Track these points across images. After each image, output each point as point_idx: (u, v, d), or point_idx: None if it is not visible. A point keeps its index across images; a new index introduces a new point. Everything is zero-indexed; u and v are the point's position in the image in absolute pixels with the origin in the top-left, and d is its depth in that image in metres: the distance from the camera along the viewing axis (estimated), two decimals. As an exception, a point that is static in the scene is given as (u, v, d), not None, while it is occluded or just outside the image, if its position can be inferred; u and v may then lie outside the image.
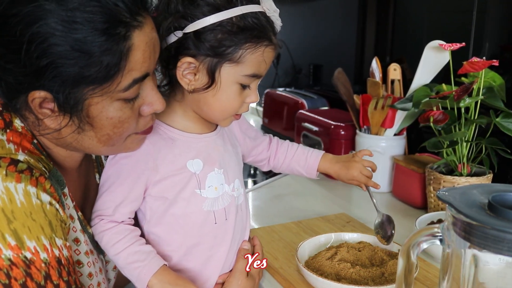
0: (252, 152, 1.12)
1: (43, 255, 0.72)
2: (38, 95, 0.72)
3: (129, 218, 0.91)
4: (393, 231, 1.04)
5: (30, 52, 0.69)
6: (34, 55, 0.69)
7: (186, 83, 0.86)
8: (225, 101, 0.88)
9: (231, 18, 0.82)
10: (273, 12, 0.87)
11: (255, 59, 0.85)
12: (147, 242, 0.93)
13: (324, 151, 1.15)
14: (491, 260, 0.63)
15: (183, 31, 0.83)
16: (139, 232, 0.91)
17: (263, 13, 0.86)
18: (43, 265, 0.72)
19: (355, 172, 1.09)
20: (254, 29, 0.84)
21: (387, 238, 1.03)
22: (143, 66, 0.77)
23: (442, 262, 0.70)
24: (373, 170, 1.12)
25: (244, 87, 0.88)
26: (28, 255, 0.71)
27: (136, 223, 0.94)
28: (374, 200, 1.11)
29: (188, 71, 0.85)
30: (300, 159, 1.14)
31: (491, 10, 1.50)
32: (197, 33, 0.83)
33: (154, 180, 0.89)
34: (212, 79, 0.85)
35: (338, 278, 1.00)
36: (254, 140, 1.11)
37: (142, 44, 0.75)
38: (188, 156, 0.91)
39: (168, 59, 0.87)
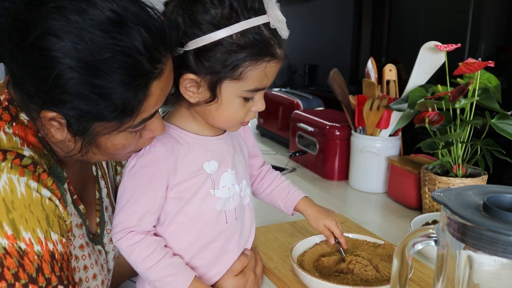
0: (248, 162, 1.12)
1: (37, 248, 0.73)
2: (51, 115, 0.74)
3: (154, 226, 0.91)
4: None
5: (54, 87, 0.71)
6: (57, 90, 0.71)
7: (190, 96, 0.86)
8: (229, 114, 0.88)
9: (231, 36, 0.81)
10: (278, 23, 0.84)
11: (256, 75, 0.84)
12: None
13: (306, 195, 1.13)
14: (486, 261, 0.63)
15: (184, 49, 0.82)
16: (164, 242, 0.91)
17: (266, 25, 0.83)
18: (36, 257, 0.73)
19: (332, 221, 1.08)
20: (255, 46, 0.82)
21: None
22: (154, 108, 0.79)
23: (437, 263, 0.70)
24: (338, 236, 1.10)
25: (247, 99, 0.87)
26: (23, 246, 0.72)
27: None
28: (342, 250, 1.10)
29: (191, 85, 0.85)
30: (283, 191, 1.13)
31: (487, 11, 1.50)
32: (197, 50, 0.82)
33: (173, 183, 0.89)
34: (213, 94, 0.85)
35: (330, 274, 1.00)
36: (253, 148, 1.11)
37: (158, 90, 0.77)
38: (205, 158, 0.91)
39: None
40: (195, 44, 0.81)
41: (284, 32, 0.86)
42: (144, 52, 0.72)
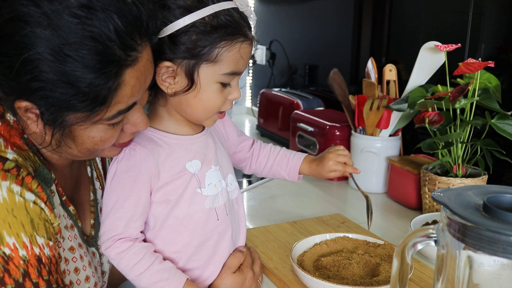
0: (236, 149, 1.13)
1: (22, 252, 0.73)
2: (25, 105, 0.73)
3: (141, 232, 0.90)
4: (371, 214, 1.15)
5: (21, 73, 0.69)
6: (25, 77, 0.69)
7: (166, 87, 0.86)
8: (207, 101, 0.88)
9: (203, 18, 0.82)
10: (245, 7, 0.87)
11: (232, 56, 0.85)
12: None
13: (306, 154, 1.14)
14: (485, 262, 0.63)
15: (158, 36, 0.82)
16: (153, 247, 0.90)
17: (235, 9, 0.86)
18: (21, 262, 0.72)
19: (330, 162, 1.10)
20: (228, 27, 0.84)
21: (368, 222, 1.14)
22: (130, 99, 0.77)
23: (437, 263, 0.70)
24: (348, 161, 1.13)
25: (224, 85, 0.88)
26: (7, 251, 0.71)
27: None
28: (358, 184, 1.13)
29: (167, 75, 0.85)
30: (282, 162, 1.14)
31: (487, 11, 1.50)
32: (172, 36, 0.82)
33: (157, 186, 0.89)
34: (191, 81, 0.85)
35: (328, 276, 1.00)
36: (238, 137, 1.12)
37: (133, 79, 0.75)
38: (186, 158, 0.91)
39: None
40: (169, 30, 0.82)
41: (252, 16, 0.89)
42: (115, 39, 0.70)
